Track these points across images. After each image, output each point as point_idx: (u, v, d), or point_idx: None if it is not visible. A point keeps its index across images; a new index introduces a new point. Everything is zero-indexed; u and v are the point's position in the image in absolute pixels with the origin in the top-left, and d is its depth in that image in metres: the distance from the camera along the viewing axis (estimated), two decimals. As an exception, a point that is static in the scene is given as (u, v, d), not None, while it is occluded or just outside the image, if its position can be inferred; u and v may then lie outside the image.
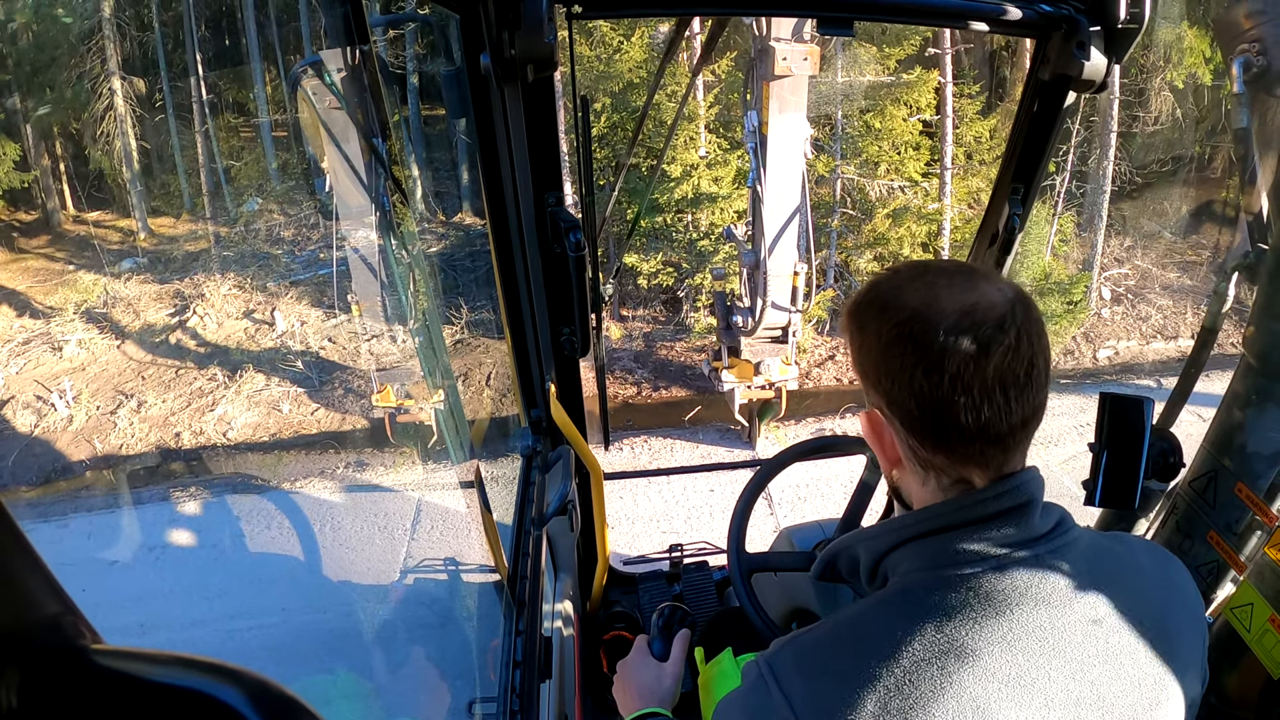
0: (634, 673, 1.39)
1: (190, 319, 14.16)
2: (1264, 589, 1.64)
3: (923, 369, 0.74)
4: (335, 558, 8.39)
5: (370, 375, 10.75)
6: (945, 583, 0.76)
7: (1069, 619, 0.75)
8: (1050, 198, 13.00)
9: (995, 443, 0.76)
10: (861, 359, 0.81)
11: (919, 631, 0.73)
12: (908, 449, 0.81)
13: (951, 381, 0.73)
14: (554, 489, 1.59)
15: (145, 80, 15.46)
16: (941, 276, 0.78)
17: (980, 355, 0.73)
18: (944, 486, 0.81)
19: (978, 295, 0.75)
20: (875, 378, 0.79)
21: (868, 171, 13.13)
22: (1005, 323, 0.74)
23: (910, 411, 0.77)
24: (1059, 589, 0.76)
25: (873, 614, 0.79)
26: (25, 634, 0.35)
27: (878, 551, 0.85)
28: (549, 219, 1.39)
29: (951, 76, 12.76)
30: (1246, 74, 1.54)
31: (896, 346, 0.76)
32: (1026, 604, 0.74)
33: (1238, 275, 1.73)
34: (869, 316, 0.80)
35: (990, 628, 0.73)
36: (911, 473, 0.83)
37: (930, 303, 0.75)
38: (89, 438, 12.24)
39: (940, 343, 0.73)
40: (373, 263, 8.86)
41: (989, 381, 0.73)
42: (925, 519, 0.80)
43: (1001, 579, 0.75)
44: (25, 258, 15.89)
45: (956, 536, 0.78)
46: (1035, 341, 0.75)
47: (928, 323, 0.74)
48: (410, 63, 16.20)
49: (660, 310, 14.20)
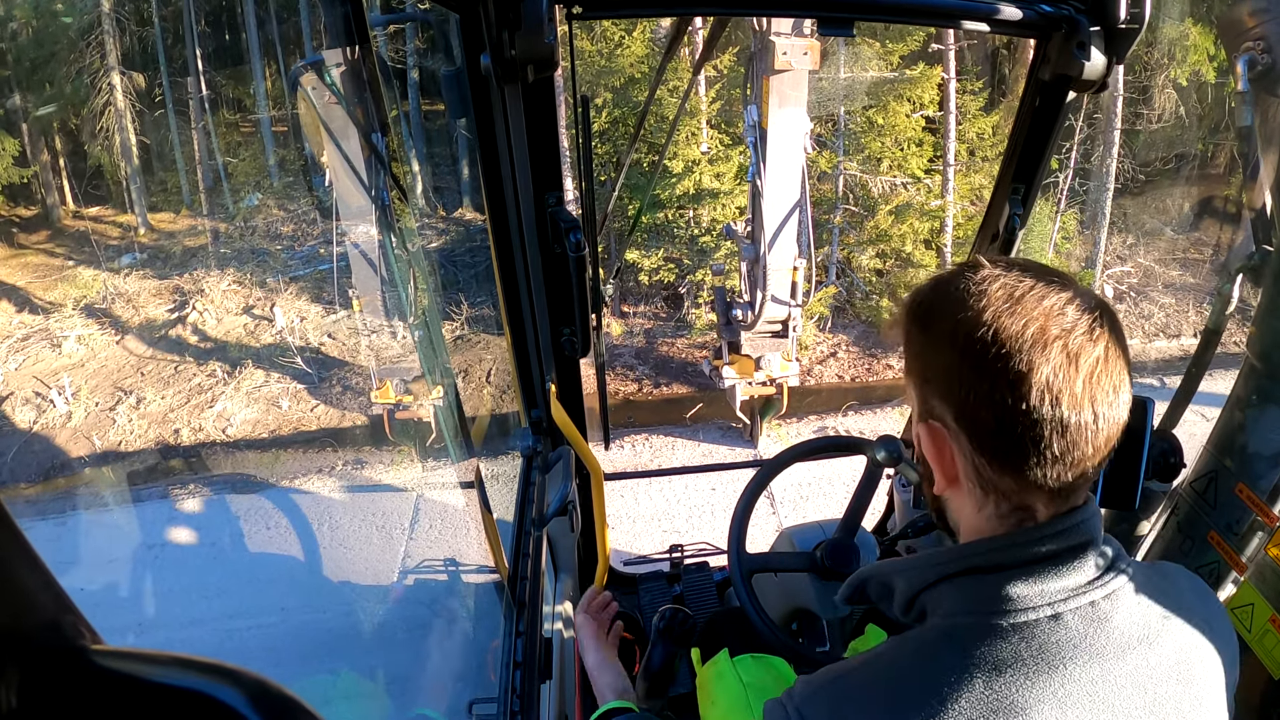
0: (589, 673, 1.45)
1: (190, 315, 14.16)
2: (1264, 589, 1.64)
3: (1007, 378, 0.66)
4: (335, 557, 8.39)
5: (370, 371, 10.76)
6: (995, 632, 0.70)
7: (1119, 672, 0.70)
8: (1053, 195, 12.98)
9: (1075, 467, 0.69)
10: (925, 364, 0.74)
11: (966, 686, 0.68)
12: (972, 468, 0.73)
13: (1040, 394, 0.66)
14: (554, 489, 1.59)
15: (145, 76, 15.44)
16: (1025, 277, 0.71)
17: (1070, 366, 0.66)
18: (1002, 514, 0.74)
19: (1063, 300, 0.69)
20: (943, 385, 0.72)
21: (870, 168, 13.10)
22: (1095, 331, 0.68)
23: (986, 425, 0.69)
24: (1112, 641, 0.71)
25: (914, 660, 0.73)
26: (25, 634, 0.35)
27: (917, 585, 0.78)
28: (549, 219, 1.39)
29: (954, 73, 12.72)
30: (1251, 72, 1.53)
31: (976, 349, 0.68)
32: (1080, 658, 0.69)
33: (1242, 276, 1.72)
34: (938, 315, 0.72)
35: (1042, 684, 0.68)
36: (968, 494, 0.76)
37: (1014, 303, 0.68)
38: (88, 434, 12.25)
39: (1029, 348, 0.66)
40: (373, 258, 8.89)
41: (1079, 396, 0.66)
42: (975, 554, 0.74)
43: (1056, 630, 0.70)
44: (25, 253, 15.89)
45: (1008, 577, 0.71)
46: (1123, 355, 0.69)
47: (1013, 325, 0.67)
48: (410, 59, 16.17)
49: (661, 307, 14.19)
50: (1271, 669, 1.60)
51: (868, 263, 13.36)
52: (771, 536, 2.11)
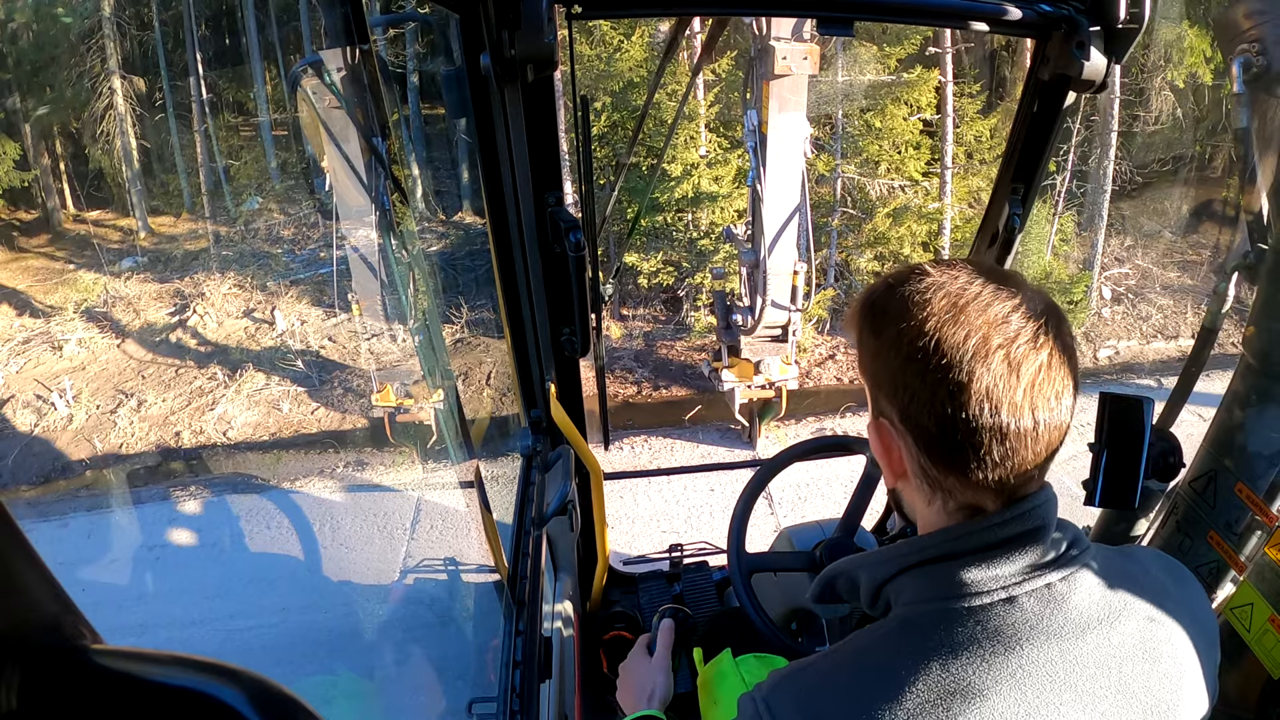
0: (630, 674, 1.40)
1: (190, 318, 14.16)
2: (1264, 589, 1.64)
3: (947, 388, 0.68)
4: (335, 557, 8.39)
5: (370, 374, 10.77)
6: (951, 616, 0.72)
7: (1080, 651, 0.71)
8: (1051, 197, 12.99)
9: (1016, 470, 0.70)
10: (875, 365, 0.75)
11: (923, 670, 0.69)
12: (918, 467, 0.75)
13: (979, 404, 0.67)
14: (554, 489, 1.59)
15: (145, 79, 15.45)
16: (973, 282, 0.71)
17: (1012, 375, 0.66)
18: (950, 510, 0.75)
19: (1009, 306, 0.69)
20: (890, 388, 0.73)
21: (868, 171, 13.12)
22: (1040, 340, 0.68)
23: (928, 430, 0.71)
24: (1070, 620, 0.71)
25: (874, 649, 0.75)
26: (25, 634, 0.35)
27: (879, 578, 0.80)
28: (549, 219, 1.39)
29: (952, 75, 12.75)
30: (1246, 74, 1.53)
31: (918, 359, 0.69)
32: (1037, 638, 0.70)
33: (1238, 275, 1.73)
34: (886, 320, 0.73)
35: (999, 665, 0.69)
36: (918, 489, 0.77)
37: (958, 312, 0.69)
38: (89, 437, 12.24)
39: (969, 359, 0.67)
40: (373, 261, 8.88)
41: (1019, 405, 0.67)
42: (930, 545, 0.75)
43: (1011, 612, 0.71)
44: (25, 257, 15.89)
45: (963, 564, 0.72)
46: (1068, 361, 0.70)
47: (955, 335, 0.68)
48: (410, 61, 16.20)
49: (660, 309, 14.20)
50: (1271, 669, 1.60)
51: (866, 265, 13.36)
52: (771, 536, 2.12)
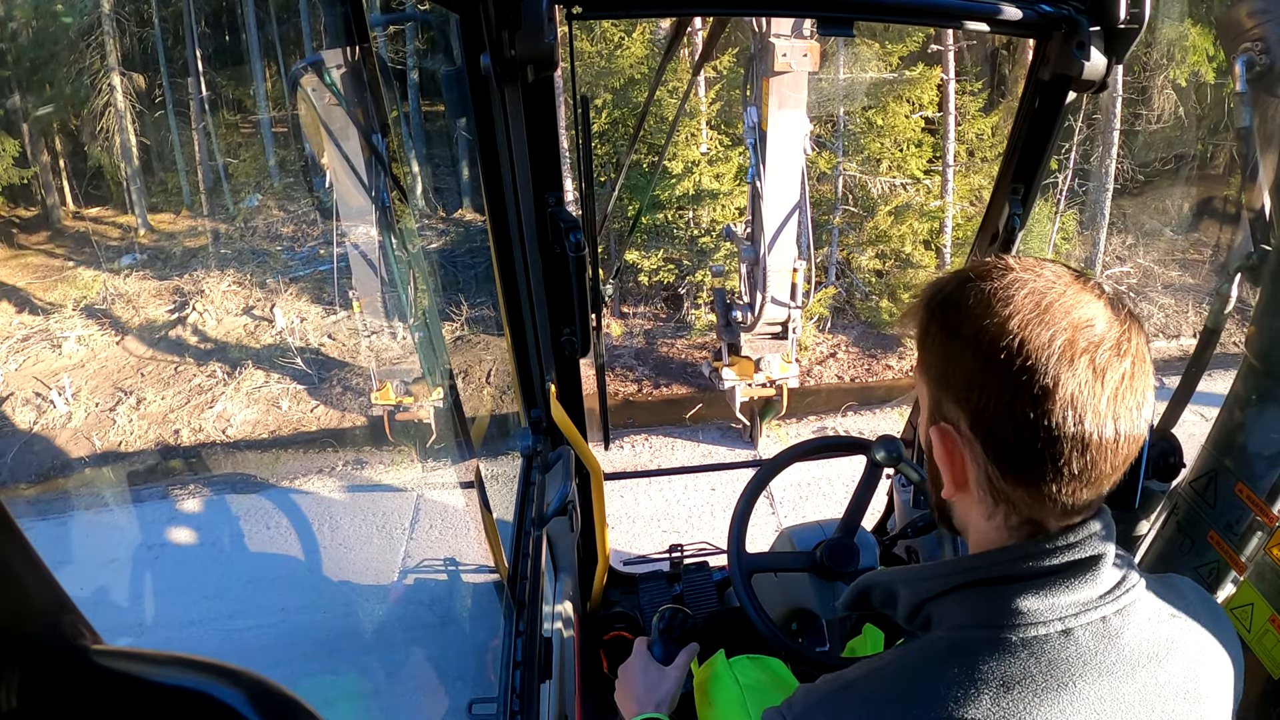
0: (634, 676, 1.38)
1: (190, 315, 14.16)
2: (1264, 589, 1.64)
3: (1031, 392, 0.64)
4: (335, 557, 8.39)
5: (370, 372, 10.75)
6: (1004, 646, 0.68)
7: (1128, 691, 0.69)
8: (1052, 196, 12.99)
9: (1092, 485, 0.67)
10: (944, 366, 0.71)
11: (974, 701, 0.66)
12: (984, 477, 0.71)
13: (1063, 411, 0.64)
14: (554, 489, 1.58)
15: (145, 76, 15.44)
16: (1057, 281, 0.69)
17: (1096, 382, 0.64)
18: (1011, 525, 0.72)
19: (1093, 311, 0.67)
20: (961, 391, 0.69)
21: (870, 168, 13.11)
22: (1123, 346, 0.66)
23: (1004, 438, 0.67)
24: (1122, 657, 0.69)
25: (920, 673, 0.71)
26: (25, 634, 0.35)
27: (924, 595, 0.77)
28: (549, 219, 1.39)
29: (954, 73, 12.74)
30: (1249, 73, 1.53)
31: (999, 359, 0.65)
32: (1089, 675, 0.68)
33: (1240, 276, 1.72)
34: (962, 317, 0.69)
35: (1050, 702, 0.66)
36: (978, 501, 0.73)
37: (1043, 311, 0.66)
38: (88, 435, 12.25)
39: (1055, 362, 0.64)
40: (373, 259, 8.87)
41: (1103, 414, 0.64)
42: (983, 566, 0.72)
43: (1066, 646, 0.68)
44: (25, 254, 15.89)
45: (1018, 590, 0.69)
46: (1148, 371, 0.67)
47: (1040, 336, 0.65)
48: (410, 59, 16.18)
49: (661, 307, 14.20)
50: (1271, 669, 1.60)
51: (867, 263, 13.37)
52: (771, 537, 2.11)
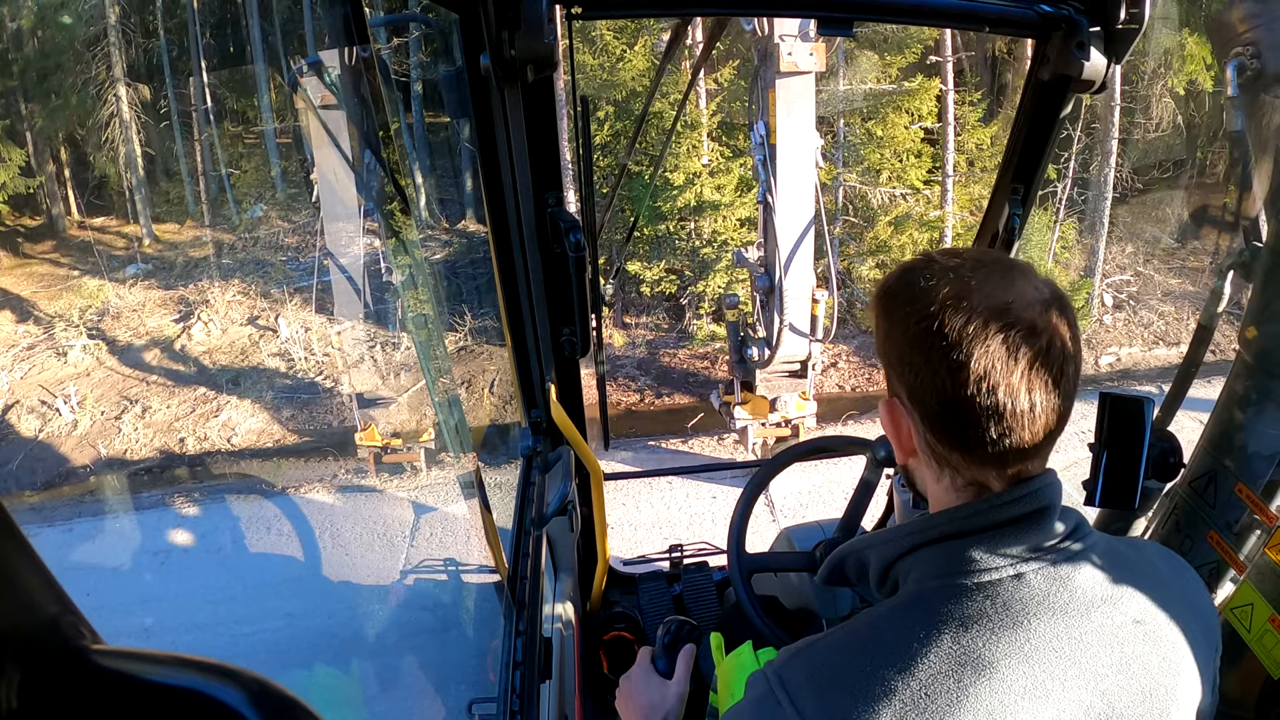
0: (637, 689, 1.33)
1: (194, 325, 14.22)
2: (1264, 589, 1.63)
3: (948, 366, 0.71)
4: (338, 561, 8.40)
5: (353, 409, 10.03)
6: (961, 591, 0.74)
7: (1085, 629, 0.73)
8: (1052, 204, 13.02)
9: (1015, 450, 0.73)
10: (886, 346, 0.79)
11: (935, 642, 0.71)
12: (925, 443, 0.78)
13: (977, 383, 0.70)
14: (554, 489, 1.58)
15: (150, 87, 15.58)
16: (979, 269, 0.74)
17: (1010, 359, 0.70)
18: (958, 486, 0.78)
19: (1014, 293, 0.72)
20: (899, 367, 0.77)
21: (869, 179, 13.17)
22: (1039, 326, 0.71)
23: (931, 408, 0.75)
24: (1075, 599, 0.74)
25: (887, 622, 0.76)
26: (25, 635, 0.35)
27: (889, 557, 0.82)
28: (549, 219, 1.39)
29: (953, 84, 12.81)
30: (1241, 77, 1.54)
31: (924, 339, 0.73)
32: (1044, 614, 0.72)
33: (1233, 274, 1.73)
34: (898, 304, 0.77)
35: (1007, 639, 0.71)
36: (927, 466, 0.81)
37: (963, 296, 0.72)
38: (93, 442, 12.28)
39: (969, 341, 0.70)
40: (358, 282, 8.43)
41: (1015, 386, 0.70)
42: (938, 524, 0.78)
43: (1019, 588, 0.73)
44: (30, 263, 15.97)
45: (971, 543, 0.75)
46: (1068, 346, 0.72)
47: (957, 318, 0.71)
48: (414, 70, 16.30)
49: (663, 318, 14.23)
50: (1271, 669, 1.59)
51: (868, 273, 13.39)
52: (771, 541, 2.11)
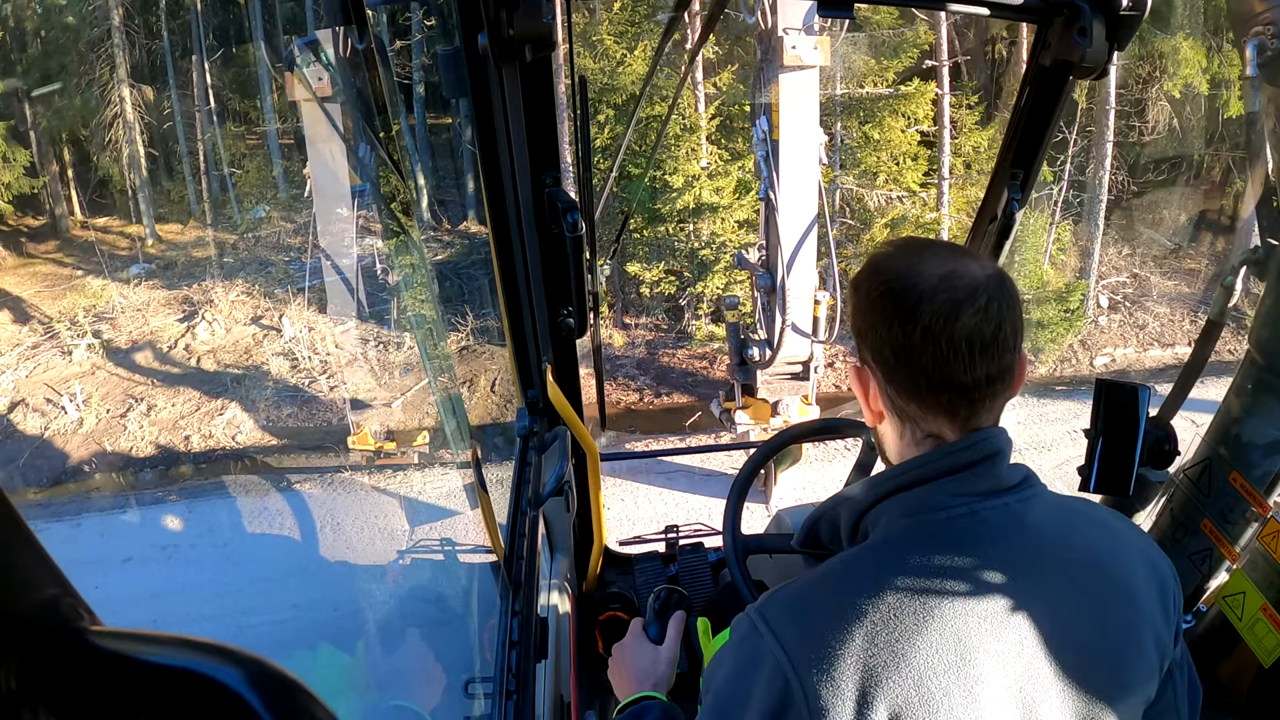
0: (630, 656, 1.37)
1: (199, 324, 14.25)
2: (1256, 578, 1.63)
3: (899, 320, 0.81)
4: (340, 552, 8.52)
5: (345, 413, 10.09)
6: (923, 527, 0.82)
7: (1039, 556, 0.82)
8: (1048, 207, 13.04)
9: (960, 395, 0.82)
10: (855, 318, 0.88)
11: (901, 572, 0.79)
12: (887, 399, 0.87)
13: (923, 333, 0.80)
14: (550, 470, 1.58)
15: (154, 88, 15.63)
16: (929, 249, 0.85)
17: (951, 314, 0.79)
18: (917, 440, 0.86)
19: (958, 265, 0.82)
20: (863, 332, 0.87)
21: (866, 182, 13.20)
22: (979, 290, 0.80)
23: (887, 359, 0.84)
24: (1027, 534, 0.82)
25: (857, 560, 0.85)
26: (23, 616, 0.35)
27: (858, 509, 0.89)
28: (546, 199, 1.39)
29: (949, 88, 12.85)
30: (1260, 57, 1.52)
31: (880, 302, 0.83)
32: (1000, 543, 0.81)
33: (1245, 270, 1.71)
34: (862, 279, 0.87)
35: (968, 566, 0.79)
36: (891, 426, 0.89)
37: (914, 267, 0.82)
38: (99, 440, 12.30)
39: (916, 299, 0.80)
40: (351, 283, 8.42)
41: (956, 337, 0.79)
42: (901, 473, 0.86)
43: (975, 524, 0.81)
44: (34, 263, 16.01)
45: (931, 488, 0.83)
46: (1006, 310, 0.81)
47: (908, 283, 0.81)
48: (416, 74, 16.36)
49: (662, 318, 14.26)
50: (1262, 657, 1.59)
51: (866, 275, 13.39)
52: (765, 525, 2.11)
